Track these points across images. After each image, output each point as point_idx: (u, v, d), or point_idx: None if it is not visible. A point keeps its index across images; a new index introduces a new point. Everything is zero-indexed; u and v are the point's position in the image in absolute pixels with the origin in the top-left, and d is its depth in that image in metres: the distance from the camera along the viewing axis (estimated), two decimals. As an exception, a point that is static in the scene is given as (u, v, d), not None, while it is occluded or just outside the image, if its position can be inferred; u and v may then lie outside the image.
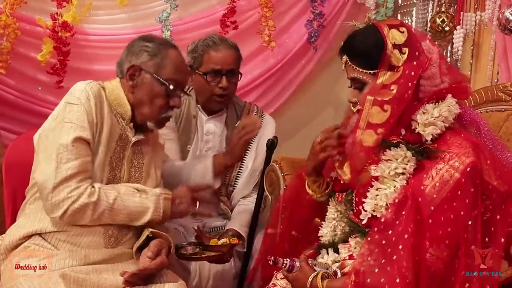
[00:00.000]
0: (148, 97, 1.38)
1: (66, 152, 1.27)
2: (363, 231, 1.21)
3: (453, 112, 1.19)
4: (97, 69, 2.14)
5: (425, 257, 1.06)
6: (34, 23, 2.07)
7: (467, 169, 1.08)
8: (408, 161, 1.17)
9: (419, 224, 1.07)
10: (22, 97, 2.09)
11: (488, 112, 1.63)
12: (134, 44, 1.41)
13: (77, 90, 1.33)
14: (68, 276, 1.24)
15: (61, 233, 1.31)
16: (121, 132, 1.38)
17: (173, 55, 1.40)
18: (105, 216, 1.31)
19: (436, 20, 2.26)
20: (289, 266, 1.22)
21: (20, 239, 1.32)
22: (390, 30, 1.19)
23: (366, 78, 1.21)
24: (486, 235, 1.08)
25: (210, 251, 1.52)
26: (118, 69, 1.43)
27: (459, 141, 1.14)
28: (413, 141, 1.18)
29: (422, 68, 1.16)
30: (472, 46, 2.25)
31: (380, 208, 1.17)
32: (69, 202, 1.25)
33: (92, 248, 1.32)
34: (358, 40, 1.23)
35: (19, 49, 2.07)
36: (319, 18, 2.34)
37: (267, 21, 2.26)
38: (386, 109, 1.15)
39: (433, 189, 1.09)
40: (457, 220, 1.06)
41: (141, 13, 2.23)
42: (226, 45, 1.80)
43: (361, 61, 1.21)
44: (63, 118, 1.30)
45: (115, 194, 1.32)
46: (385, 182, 1.18)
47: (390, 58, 1.17)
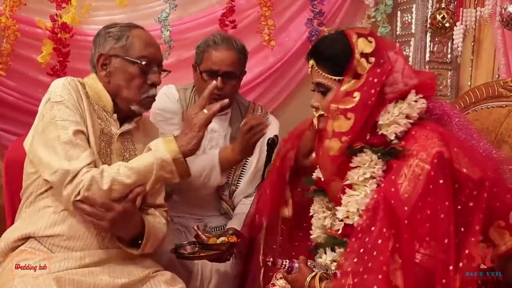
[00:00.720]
0: (125, 81, 1.35)
1: (73, 147, 1.26)
2: (341, 242, 1.21)
3: (416, 107, 1.18)
4: (97, 69, 2.14)
5: (415, 259, 1.05)
6: (34, 24, 2.07)
7: (434, 160, 1.08)
8: (376, 164, 1.17)
9: (397, 226, 1.06)
10: (23, 98, 2.09)
11: (489, 108, 1.62)
12: (99, 34, 1.40)
13: (57, 88, 1.32)
14: (63, 278, 1.24)
15: (54, 238, 1.30)
16: (101, 127, 1.36)
17: (138, 33, 1.38)
18: (117, 184, 1.25)
19: (436, 16, 2.26)
20: (288, 267, 1.22)
21: (15, 241, 1.32)
22: (359, 38, 1.19)
23: (331, 84, 1.21)
24: (462, 224, 1.07)
25: (209, 250, 1.52)
26: (90, 65, 1.42)
27: (425, 133, 1.14)
28: (378, 143, 1.18)
29: (385, 75, 1.17)
30: (472, 42, 2.24)
31: (353, 215, 1.17)
32: (81, 186, 1.24)
33: (87, 250, 1.31)
34: (326, 45, 1.24)
35: (19, 50, 2.07)
36: (319, 17, 2.33)
37: (267, 20, 2.26)
38: (350, 117, 1.16)
39: (408, 186, 1.09)
40: (435, 215, 1.06)
41: (141, 13, 2.22)
42: (227, 45, 1.77)
43: (328, 66, 1.21)
44: (53, 117, 1.28)
45: (120, 163, 1.30)
46: (357, 189, 1.18)
47: (356, 67, 1.18)
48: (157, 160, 1.27)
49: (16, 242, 1.32)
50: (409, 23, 2.39)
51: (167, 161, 1.27)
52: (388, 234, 1.05)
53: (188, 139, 1.29)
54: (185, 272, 1.69)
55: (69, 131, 1.27)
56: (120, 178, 1.26)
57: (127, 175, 1.26)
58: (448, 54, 2.34)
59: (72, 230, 1.30)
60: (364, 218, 1.11)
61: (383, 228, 1.06)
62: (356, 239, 1.09)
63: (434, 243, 1.05)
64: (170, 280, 1.36)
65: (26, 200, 1.36)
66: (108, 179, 1.25)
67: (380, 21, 2.40)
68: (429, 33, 2.33)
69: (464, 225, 1.08)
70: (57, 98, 1.30)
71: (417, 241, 1.06)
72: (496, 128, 1.53)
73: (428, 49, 2.34)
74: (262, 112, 1.94)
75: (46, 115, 1.30)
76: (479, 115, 1.62)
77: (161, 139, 1.31)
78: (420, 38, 2.33)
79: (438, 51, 2.35)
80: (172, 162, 1.28)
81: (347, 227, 1.20)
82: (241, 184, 1.86)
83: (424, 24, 2.32)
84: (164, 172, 1.28)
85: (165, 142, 1.29)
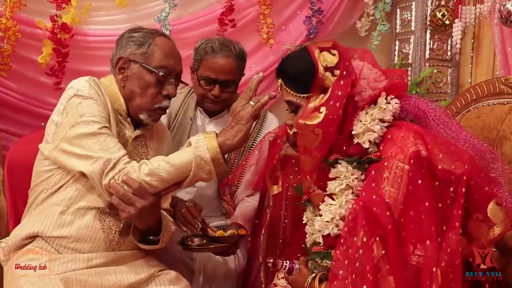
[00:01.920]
0: (139, 88, 1.33)
1: (107, 139, 1.25)
2: (326, 255, 1.20)
3: (388, 110, 1.17)
4: (97, 70, 2.10)
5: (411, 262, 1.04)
6: (34, 25, 2.07)
7: (411, 160, 1.08)
8: (352, 174, 1.16)
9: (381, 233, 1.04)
10: (24, 99, 2.09)
11: (490, 105, 1.61)
12: (122, 36, 1.39)
13: (83, 86, 1.30)
14: (70, 279, 1.24)
15: (61, 239, 1.29)
16: (118, 129, 1.35)
17: (161, 41, 1.36)
18: (155, 178, 1.23)
19: (436, 14, 2.26)
20: (288, 268, 1.21)
21: (23, 239, 1.31)
22: (321, 53, 1.18)
23: (300, 101, 1.21)
24: (444, 222, 1.06)
25: (217, 243, 1.50)
26: (111, 64, 1.41)
27: (402, 134, 1.13)
28: (354, 153, 1.17)
29: (350, 86, 1.16)
30: (472, 40, 2.24)
31: (328, 225, 1.17)
32: (120, 174, 1.23)
33: (95, 252, 1.30)
34: (291, 64, 1.23)
35: (19, 51, 2.06)
36: (317, 15, 2.32)
37: (265, 19, 2.25)
38: (318, 133, 1.15)
39: (392, 189, 1.08)
40: (418, 216, 1.05)
41: (140, 13, 2.22)
42: (225, 53, 1.72)
43: (295, 85, 1.21)
44: (83, 113, 1.26)
45: (158, 158, 1.27)
46: (336, 199, 1.18)
47: (323, 81, 1.18)
48: (196, 158, 1.25)
49: (23, 240, 1.30)
50: (408, 20, 2.39)
51: (206, 160, 1.25)
52: (371, 243, 1.03)
53: (234, 132, 1.28)
54: (188, 271, 1.68)
55: (101, 125, 1.26)
56: (159, 173, 1.23)
57: (167, 171, 1.24)
58: (448, 51, 2.34)
59: (79, 233, 1.29)
60: (344, 229, 1.10)
61: (364, 237, 1.04)
62: (340, 251, 1.08)
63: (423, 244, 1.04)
64: (175, 279, 1.36)
65: (36, 197, 1.34)
66: (148, 172, 1.23)
67: (379, 19, 2.40)
68: (429, 31, 2.33)
69: (445, 223, 1.06)
70: (85, 94, 1.28)
71: (410, 244, 1.05)
72: (497, 125, 1.52)
73: (428, 46, 2.34)
74: (261, 110, 1.93)
75: (72, 111, 1.27)
76: (480, 112, 1.61)
77: (202, 135, 1.28)
78: (419, 36, 2.33)
79: (438, 48, 2.34)
80: (211, 161, 1.25)
81: (328, 238, 1.19)
82: (242, 184, 1.82)
83: (424, 21, 2.32)
84: (202, 172, 1.26)
85: (206, 138, 1.27)
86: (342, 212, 1.15)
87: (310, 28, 2.34)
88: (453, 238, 1.04)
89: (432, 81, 2.34)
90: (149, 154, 1.41)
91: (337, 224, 1.16)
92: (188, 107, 1.84)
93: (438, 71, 2.35)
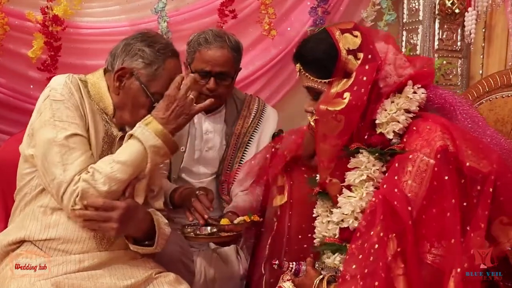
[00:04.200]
0: (132, 105, 1.31)
1: (69, 151, 1.23)
2: (340, 248, 1.18)
3: (415, 100, 1.14)
4: (90, 64, 2.06)
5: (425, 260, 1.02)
6: (23, 17, 2.01)
7: (437, 155, 1.04)
8: (373, 166, 1.13)
9: (400, 229, 1.02)
10: (14, 95, 2.04)
11: (503, 97, 1.56)
12: (132, 42, 1.32)
13: (58, 85, 1.27)
14: (62, 283, 1.21)
15: (50, 241, 1.26)
16: (106, 128, 1.32)
17: (170, 66, 1.32)
18: (113, 184, 1.22)
19: (445, 2, 2.20)
20: (295, 269, 1.18)
21: (9, 244, 1.28)
22: (342, 35, 1.15)
23: (321, 87, 1.16)
24: (467, 222, 1.03)
25: (226, 231, 1.43)
26: (109, 59, 1.35)
27: (429, 126, 1.10)
28: (376, 143, 1.13)
29: (375, 71, 1.12)
30: (483, 29, 2.18)
31: (348, 218, 1.14)
32: (74, 196, 1.21)
33: (86, 253, 1.27)
34: (310, 48, 1.18)
35: (8, 45, 2.01)
36: (323, 4, 2.26)
37: (267, 9, 2.20)
38: (340, 119, 1.12)
39: (414, 183, 1.05)
40: (441, 213, 1.02)
41: (136, 5, 2.16)
42: (219, 44, 1.68)
43: (315, 70, 1.17)
44: (52, 117, 1.24)
45: (108, 159, 1.25)
46: (354, 190, 1.15)
47: (346, 65, 1.13)
48: (150, 148, 1.25)
49: (9, 246, 1.28)
50: (416, 9, 2.33)
51: (159, 146, 1.26)
52: (387, 239, 1.01)
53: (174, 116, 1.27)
54: (188, 273, 1.64)
55: (66, 133, 1.23)
56: (116, 175, 1.22)
57: (123, 171, 1.23)
58: (458, 41, 2.29)
59: (67, 233, 1.26)
60: (362, 222, 1.07)
61: (381, 232, 1.01)
62: (356, 245, 1.06)
63: (444, 242, 1.01)
64: (174, 281, 1.32)
65: (20, 201, 1.32)
66: (104, 180, 1.21)
67: (385, 8, 2.35)
68: (438, 20, 2.27)
69: (470, 223, 1.02)
70: (57, 97, 1.25)
71: (427, 242, 1.02)
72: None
73: (437, 36, 2.28)
74: (260, 104, 1.88)
75: (44, 113, 1.25)
76: (493, 105, 1.56)
77: (142, 125, 1.27)
78: (428, 25, 2.27)
79: (447, 38, 2.29)
80: (164, 145, 1.26)
81: (345, 231, 1.16)
82: (237, 180, 1.80)
83: (433, 10, 2.26)
84: (159, 156, 1.28)
85: (149, 126, 1.26)
86: (363, 205, 1.12)
87: (316, 18, 2.28)
88: (477, 239, 1.00)
89: (442, 73, 2.30)
90: None
91: (357, 217, 1.13)
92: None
93: (447, 62, 2.29)
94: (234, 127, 1.80)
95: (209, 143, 1.80)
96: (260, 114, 1.83)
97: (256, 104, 1.86)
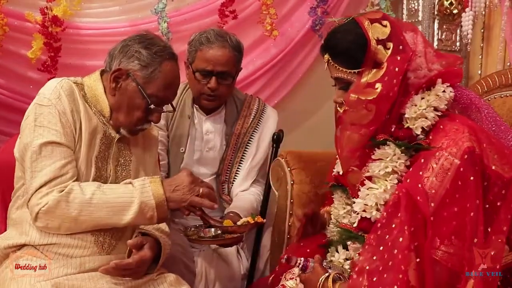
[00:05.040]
0: (127, 106, 1.30)
1: (40, 159, 1.21)
2: (356, 236, 1.18)
3: (444, 98, 1.14)
4: (90, 64, 2.05)
5: (434, 256, 1.02)
6: (23, 18, 2.00)
7: (464, 156, 1.05)
8: (398, 159, 1.13)
9: (419, 224, 1.03)
10: (13, 96, 2.02)
11: (502, 97, 1.58)
12: (130, 44, 1.31)
13: (47, 90, 1.26)
14: (62, 284, 1.20)
15: (51, 246, 1.25)
16: (104, 130, 1.32)
17: (167, 69, 1.30)
18: (84, 214, 1.20)
19: (444, 2, 2.20)
20: (302, 265, 1.18)
21: (10, 247, 1.27)
22: (372, 24, 1.14)
23: (351, 77, 1.16)
24: (489, 224, 1.04)
25: (230, 233, 1.42)
26: (108, 59, 1.34)
27: (456, 127, 1.10)
28: (403, 137, 1.14)
29: (407, 62, 1.12)
30: (482, 29, 2.18)
31: (370, 209, 1.14)
32: (38, 208, 1.19)
33: (87, 256, 1.26)
34: (339, 38, 1.18)
35: (8, 46, 1.99)
36: (322, 5, 2.27)
37: (268, 9, 2.19)
38: (370, 109, 1.12)
39: (435, 180, 1.05)
40: (462, 213, 1.02)
41: (136, 5, 2.15)
42: (221, 43, 1.68)
43: (344, 60, 1.17)
44: (33, 121, 1.23)
45: (94, 188, 1.22)
46: (377, 182, 1.15)
47: (375, 55, 1.13)
48: (140, 202, 1.21)
49: (9, 248, 1.27)
50: (415, 10, 2.34)
51: (149, 206, 1.22)
52: (408, 232, 1.01)
53: (176, 197, 1.25)
54: (189, 273, 1.64)
55: (42, 140, 1.21)
56: (90, 209, 1.20)
57: (99, 207, 1.20)
58: (457, 42, 2.30)
59: (69, 239, 1.25)
60: (384, 214, 1.07)
61: (404, 225, 1.02)
62: (374, 236, 1.06)
63: (458, 241, 1.01)
64: (175, 282, 1.32)
65: (14, 202, 1.32)
66: (77, 206, 1.19)
67: (384, 9, 2.35)
68: (437, 20, 2.28)
69: (491, 225, 1.04)
70: (44, 101, 1.24)
71: (438, 238, 1.02)
72: (511, 118, 1.49)
73: (436, 37, 2.29)
74: (260, 104, 1.87)
75: (29, 116, 1.25)
76: (492, 104, 1.54)
77: (147, 179, 1.26)
78: (427, 26, 2.28)
79: (446, 39, 2.30)
80: (155, 208, 1.22)
81: (364, 221, 1.16)
82: (236, 180, 1.81)
83: (432, 11, 2.26)
84: (142, 216, 1.23)
85: (152, 183, 1.24)
86: (387, 197, 1.12)
87: (315, 19, 2.28)
88: (498, 242, 1.01)
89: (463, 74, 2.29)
90: (132, 156, 1.37)
91: (379, 209, 1.13)
92: (185, 104, 1.79)
93: (447, 63, 2.29)
94: (234, 127, 1.80)
95: (210, 144, 1.80)
96: (260, 114, 1.84)
97: (256, 104, 1.86)
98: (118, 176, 1.33)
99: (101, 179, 1.29)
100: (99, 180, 1.29)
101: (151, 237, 1.30)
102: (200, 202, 1.26)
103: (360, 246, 1.17)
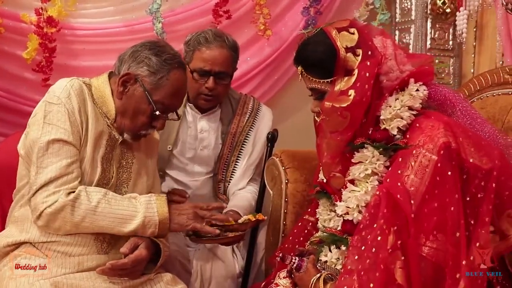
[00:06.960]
0: (133, 111, 1.31)
1: (46, 155, 1.22)
2: (341, 239, 1.20)
3: (418, 97, 1.15)
4: (85, 65, 2.07)
5: (421, 252, 1.03)
6: (18, 19, 2.00)
7: (441, 151, 1.06)
8: (377, 160, 1.15)
9: (402, 222, 1.04)
10: (8, 97, 2.02)
11: (494, 96, 1.59)
12: (140, 49, 1.32)
13: (58, 88, 1.27)
14: (61, 283, 1.20)
15: (50, 243, 1.26)
16: (109, 131, 1.33)
17: (175, 78, 1.31)
18: (87, 221, 1.22)
19: (436, 2, 2.21)
20: (296, 264, 1.19)
21: (9, 245, 1.28)
22: (339, 33, 1.16)
23: (325, 87, 1.18)
24: (472, 216, 1.05)
25: (232, 231, 1.44)
26: (117, 63, 1.36)
27: (431, 123, 1.11)
28: (380, 138, 1.15)
29: (377, 66, 1.14)
30: (474, 28, 2.20)
31: (352, 211, 1.16)
32: (44, 206, 1.20)
33: (85, 255, 1.27)
34: (309, 50, 1.20)
35: (3, 47, 1.99)
36: (315, 5, 2.27)
37: (262, 9, 2.20)
38: (345, 115, 1.14)
39: (415, 178, 1.06)
40: (443, 208, 1.03)
41: (130, 5, 2.15)
42: (219, 43, 1.68)
43: (316, 71, 1.19)
44: (42, 118, 1.25)
45: (100, 196, 1.24)
46: (358, 185, 1.16)
47: (346, 63, 1.14)
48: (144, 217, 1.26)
49: (8, 246, 1.28)
50: (408, 9, 2.35)
51: (153, 221, 1.26)
52: (389, 231, 1.02)
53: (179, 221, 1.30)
54: (185, 273, 1.65)
55: (50, 137, 1.23)
56: (93, 217, 1.22)
57: (103, 216, 1.23)
58: (450, 40, 2.31)
59: (68, 238, 1.26)
60: (366, 215, 1.08)
61: (383, 224, 1.03)
62: (358, 237, 1.07)
63: (441, 236, 1.03)
64: (171, 281, 1.33)
65: (17, 202, 1.33)
66: (82, 213, 1.21)
67: (378, 8, 2.37)
68: (430, 20, 2.29)
69: (474, 217, 1.05)
70: (54, 100, 1.25)
71: (423, 235, 1.03)
72: (503, 116, 1.50)
73: (429, 36, 2.30)
74: (255, 103, 1.88)
75: (38, 113, 1.26)
76: (484, 103, 1.58)
77: (154, 195, 1.31)
78: (420, 25, 2.29)
79: (439, 38, 2.31)
80: (157, 224, 1.27)
81: (347, 224, 1.18)
82: (233, 179, 1.82)
83: (424, 10, 2.27)
84: (144, 230, 1.26)
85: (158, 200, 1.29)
86: (368, 199, 1.13)
87: (308, 18, 2.29)
88: (482, 233, 1.02)
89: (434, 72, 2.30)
90: (135, 158, 1.39)
91: (361, 211, 1.16)
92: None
93: (440, 61, 2.31)
94: (230, 126, 1.81)
95: (204, 142, 1.80)
96: (255, 113, 1.84)
97: (251, 103, 1.87)
98: (119, 178, 1.34)
99: (104, 179, 1.31)
100: (102, 180, 1.30)
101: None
102: (201, 228, 1.33)
103: (345, 249, 1.18)
